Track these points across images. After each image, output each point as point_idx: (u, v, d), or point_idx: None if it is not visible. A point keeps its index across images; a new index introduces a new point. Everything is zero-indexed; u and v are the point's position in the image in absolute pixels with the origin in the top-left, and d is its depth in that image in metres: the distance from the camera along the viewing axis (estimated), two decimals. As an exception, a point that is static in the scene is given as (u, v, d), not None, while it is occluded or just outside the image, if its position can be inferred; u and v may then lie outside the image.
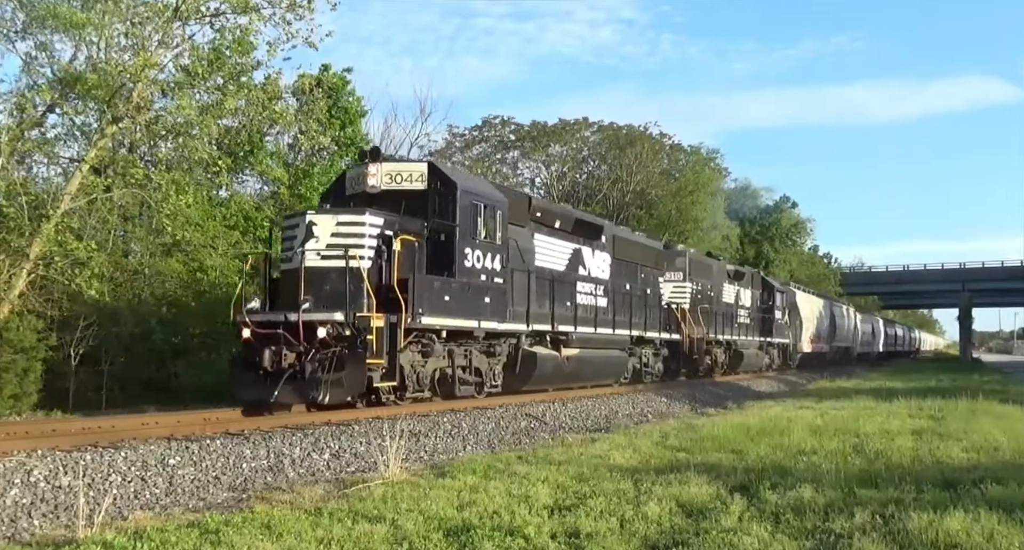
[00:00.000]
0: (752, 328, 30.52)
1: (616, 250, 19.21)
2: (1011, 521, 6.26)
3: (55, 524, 6.46)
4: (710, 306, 25.36)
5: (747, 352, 28.81)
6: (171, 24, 17.69)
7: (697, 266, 25.37)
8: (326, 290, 11.44)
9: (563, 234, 16.87)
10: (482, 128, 43.43)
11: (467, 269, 13.18)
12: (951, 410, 15.39)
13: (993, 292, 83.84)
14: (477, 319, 13.31)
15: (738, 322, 28.73)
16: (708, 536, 5.91)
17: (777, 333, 33.68)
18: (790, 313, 36.27)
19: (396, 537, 5.84)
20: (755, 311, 31.27)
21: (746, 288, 30.16)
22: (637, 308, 19.88)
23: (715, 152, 51.43)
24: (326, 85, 22.95)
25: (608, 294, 18.43)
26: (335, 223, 11.90)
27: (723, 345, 26.92)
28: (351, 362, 11.01)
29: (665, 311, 22.17)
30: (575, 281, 17.06)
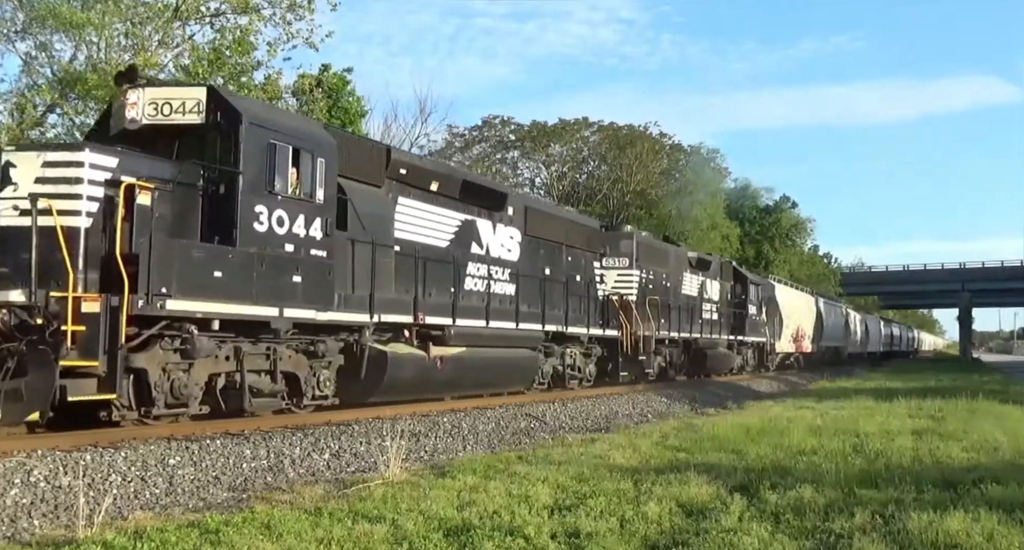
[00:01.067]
0: (720, 325, 27.08)
1: (530, 225, 16.00)
2: (1011, 521, 6.26)
3: (55, 524, 6.46)
4: (665, 298, 22.10)
5: (712, 352, 25.57)
6: (171, 24, 17.73)
7: (648, 251, 21.95)
8: (25, 258, 8.13)
9: (445, 201, 13.59)
10: (482, 128, 43.48)
11: (259, 235, 9.61)
12: (951, 410, 15.39)
13: (993, 292, 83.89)
14: (278, 305, 9.80)
15: (702, 318, 25.31)
16: (708, 536, 5.91)
17: (751, 331, 30.19)
18: (768, 309, 33.00)
19: (396, 537, 5.84)
20: (725, 306, 27.95)
21: (713, 279, 26.86)
22: (559, 298, 16.67)
23: (715, 152, 51.50)
24: (326, 85, 22.97)
25: (515, 279, 15.22)
26: (40, 164, 8.53)
27: (680, 344, 23.53)
28: (33, 364, 7.80)
29: (603, 303, 19.10)
30: (463, 261, 13.87)
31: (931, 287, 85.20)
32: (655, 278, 21.86)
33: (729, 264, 30.30)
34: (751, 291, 30.40)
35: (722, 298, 27.70)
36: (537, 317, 15.77)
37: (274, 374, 10.26)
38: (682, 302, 23.60)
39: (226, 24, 18.81)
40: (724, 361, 27.03)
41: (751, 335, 30.21)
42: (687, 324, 23.63)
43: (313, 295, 10.32)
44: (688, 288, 24.58)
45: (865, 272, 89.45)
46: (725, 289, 28.25)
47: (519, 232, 15.69)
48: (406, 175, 12.69)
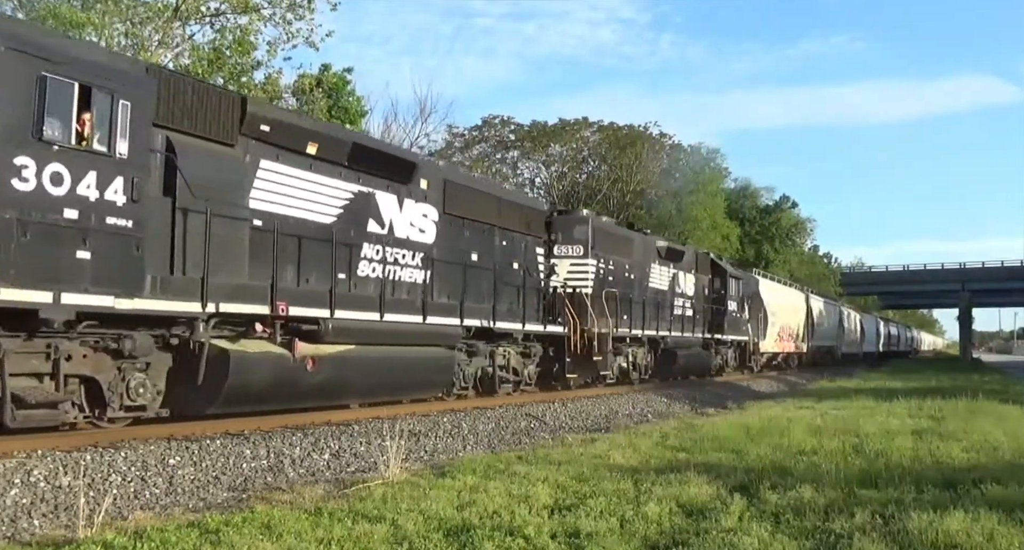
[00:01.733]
0: (695, 322, 24.55)
1: (450, 202, 13.73)
2: (1011, 521, 6.26)
3: (55, 524, 6.45)
4: (628, 292, 19.79)
5: (684, 352, 23.10)
6: (171, 24, 17.73)
7: (606, 238, 19.42)
8: None
9: (329, 168, 11.19)
10: (482, 128, 43.48)
11: (19, 196, 7.46)
12: (951, 410, 15.39)
13: (993, 292, 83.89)
14: (53, 288, 7.63)
15: (674, 314, 23.00)
16: (708, 536, 5.91)
17: (731, 329, 27.70)
18: (751, 305, 30.63)
19: (396, 537, 5.84)
20: (701, 301, 25.57)
21: (687, 272, 24.56)
22: (488, 289, 14.48)
23: (715, 152, 51.50)
24: (326, 85, 22.99)
25: (429, 265, 13.01)
26: None
27: (645, 343, 21.08)
28: None
29: (550, 296, 17.12)
30: (356, 242, 11.61)
31: (931, 287, 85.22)
32: (616, 269, 19.53)
33: (706, 256, 27.74)
34: (731, 286, 28.05)
35: (698, 293, 25.36)
36: (455, 310, 13.43)
37: (58, 378, 8.05)
38: (649, 296, 21.21)
39: (226, 24, 18.84)
40: (698, 362, 24.59)
41: (731, 333, 27.80)
42: (655, 321, 21.27)
43: (110, 276, 8.04)
44: (657, 281, 22.14)
45: (865, 272, 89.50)
46: (701, 283, 25.89)
47: (436, 210, 13.32)
48: (271, 133, 10.29)
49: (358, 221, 11.71)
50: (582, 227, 18.41)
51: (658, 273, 22.35)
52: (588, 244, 18.26)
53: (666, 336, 22.05)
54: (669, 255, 23.22)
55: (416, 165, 13.26)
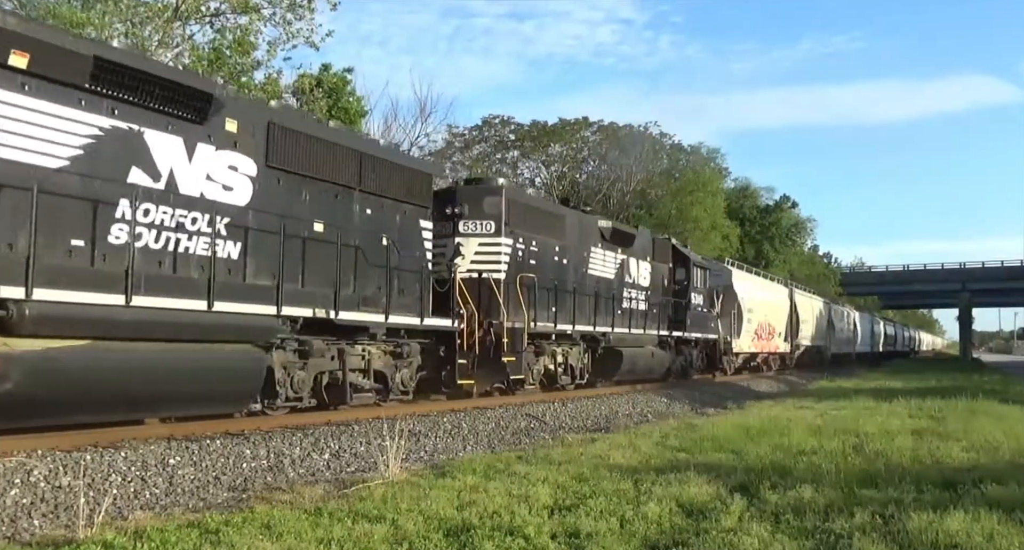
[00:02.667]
0: (650, 317, 21.18)
1: (275, 153, 10.45)
2: (1011, 521, 6.26)
3: (55, 524, 6.45)
4: (558, 280, 16.65)
5: (632, 352, 19.48)
6: (171, 24, 17.74)
7: (527, 215, 16.12)
8: None
9: (58, 91, 8.11)
10: (482, 128, 43.49)
11: None
12: (951, 410, 15.40)
13: (993, 292, 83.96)
14: None
15: (623, 308, 19.69)
16: (708, 536, 5.91)
17: (696, 325, 24.41)
18: (724, 300, 27.74)
19: (396, 537, 5.84)
20: (659, 294, 22.20)
21: (642, 260, 21.29)
22: (344, 270, 11.25)
23: (715, 152, 51.58)
24: (326, 85, 23.01)
25: (241, 235, 9.91)
26: None
27: (578, 341, 17.66)
28: None
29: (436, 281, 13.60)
30: (106, 197, 8.49)
31: (931, 287, 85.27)
32: (542, 251, 16.37)
33: (666, 243, 24.21)
34: (696, 276, 24.86)
35: (655, 284, 22.03)
36: (270, 294, 10.05)
37: None
38: (589, 286, 18.07)
39: (226, 24, 18.85)
40: (651, 362, 20.94)
41: (696, 331, 24.45)
42: (596, 315, 18.15)
43: None
44: (599, 268, 18.94)
45: (865, 272, 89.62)
46: (660, 273, 22.60)
47: (252, 161, 10.12)
48: None
49: (112, 169, 8.53)
50: (493, 199, 15.24)
51: (601, 259, 19.04)
52: (501, 220, 15.14)
53: (607, 333, 18.40)
54: (616, 238, 19.76)
55: (214, 98, 9.58)
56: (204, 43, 19.20)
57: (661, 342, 21.98)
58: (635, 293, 20.76)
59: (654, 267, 22.13)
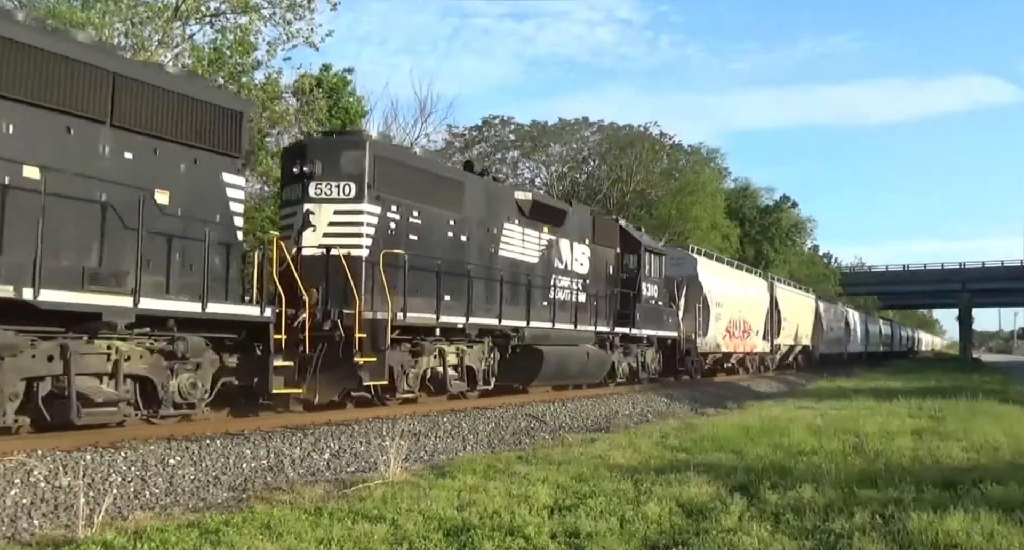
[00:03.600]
0: (587, 310, 17.91)
1: None
2: (1011, 521, 6.27)
3: (55, 524, 6.45)
4: (451, 259, 13.41)
5: (558, 351, 16.11)
6: (171, 24, 17.73)
7: (402, 175, 12.70)
8: None
9: None
10: (482, 128, 43.51)
11: None
12: (951, 410, 15.40)
13: (993, 292, 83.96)
14: None
15: (549, 298, 16.52)
16: (708, 536, 5.91)
17: (648, 321, 20.84)
18: (688, 293, 24.58)
19: (396, 537, 5.84)
20: (601, 282, 18.92)
21: (578, 241, 18.01)
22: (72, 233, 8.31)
23: (715, 152, 51.57)
24: (326, 85, 23.01)
25: None
26: None
27: (479, 337, 14.14)
28: None
29: None
30: None
31: (931, 287, 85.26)
32: (427, 224, 13.14)
33: (611, 223, 20.75)
34: (650, 264, 21.23)
35: (597, 271, 18.81)
36: None
37: None
38: (500, 270, 14.89)
39: (226, 24, 18.85)
40: (586, 364, 17.46)
41: (648, 327, 20.83)
42: (510, 305, 14.86)
43: None
44: (517, 249, 15.72)
45: (865, 272, 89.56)
46: (603, 259, 19.39)
47: None
48: None
49: None
50: (353, 154, 12.05)
51: (519, 238, 15.80)
52: (364, 181, 11.97)
53: (522, 328, 15.11)
54: (540, 214, 16.48)
55: None
56: (205, 43, 19.21)
57: (601, 340, 18.61)
58: (567, 281, 17.41)
59: (595, 251, 18.79)
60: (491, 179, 16.33)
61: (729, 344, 28.11)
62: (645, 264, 20.95)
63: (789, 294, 37.35)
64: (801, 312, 38.53)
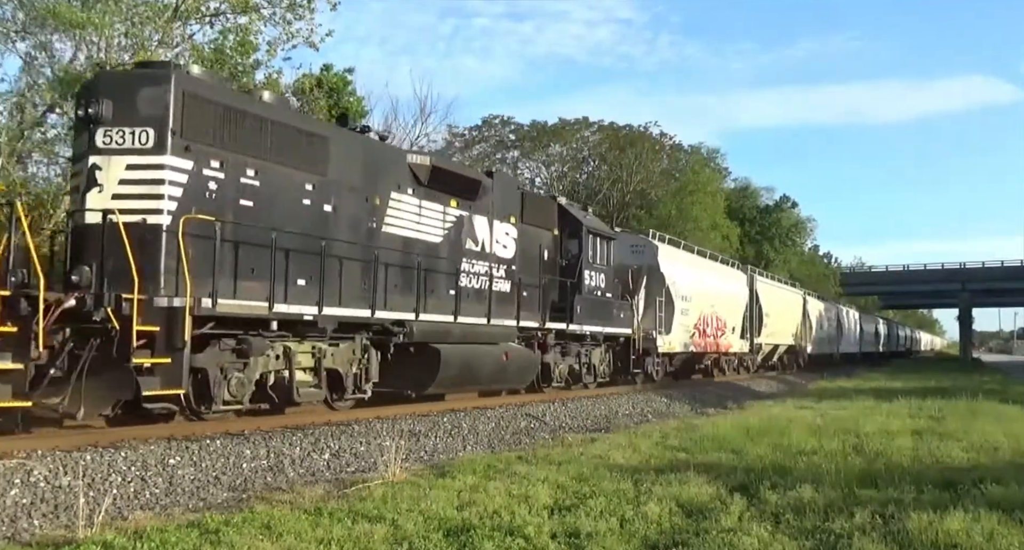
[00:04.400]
0: (510, 301, 15.06)
1: None
2: (1011, 521, 6.27)
3: (55, 524, 6.45)
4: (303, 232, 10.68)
5: (462, 351, 13.32)
6: (171, 24, 17.72)
7: (229, 122, 9.96)
8: None
9: None
10: (482, 128, 43.55)
11: None
12: (951, 410, 15.40)
13: (993, 292, 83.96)
14: None
15: (458, 286, 13.65)
16: (708, 536, 5.91)
17: (591, 316, 17.66)
18: (648, 284, 21.40)
19: (396, 537, 5.84)
20: (533, 269, 16.07)
21: (500, 220, 15.03)
22: None
23: (715, 152, 51.60)
24: (327, 85, 23.01)
25: None
26: None
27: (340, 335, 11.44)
28: None
29: None
30: None
31: (931, 287, 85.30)
32: (267, 187, 10.36)
33: (547, 202, 18.01)
34: (595, 250, 18.39)
35: (524, 256, 15.82)
36: None
37: None
38: (382, 249, 12.00)
39: (226, 24, 18.85)
40: (504, 367, 14.52)
41: (592, 323, 17.79)
42: (397, 294, 12.23)
43: None
44: (410, 224, 12.83)
45: (865, 272, 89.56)
46: (534, 241, 16.40)
47: None
48: None
49: None
50: (153, 92, 9.27)
51: (413, 211, 12.92)
52: (168, 127, 9.23)
53: (409, 322, 12.21)
54: (442, 183, 13.46)
55: None
56: (205, 43, 19.21)
57: (528, 338, 15.81)
58: (484, 266, 14.57)
59: (525, 232, 15.93)
60: (375, 138, 13.19)
61: (699, 343, 24.96)
62: (589, 249, 17.98)
63: (772, 289, 34.03)
64: (786, 309, 35.25)
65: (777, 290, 35.15)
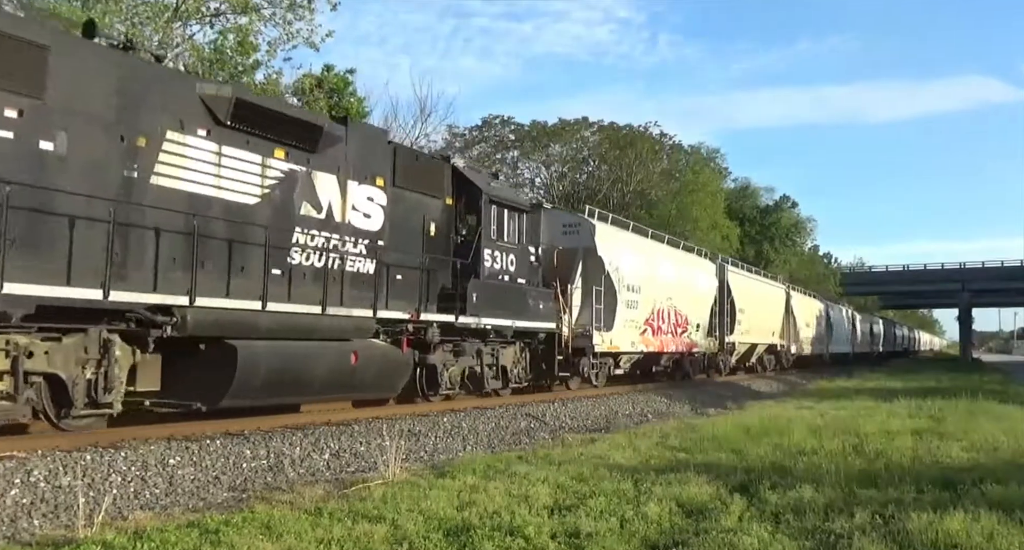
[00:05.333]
0: (382, 286, 12.12)
1: None
2: (1011, 521, 6.26)
3: (55, 524, 6.45)
4: None
5: (276, 350, 10.04)
6: (171, 24, 17.74)
7: None
8: None
9: None
10: (482, 128, 43.54)
11: None
12: (951, 410, 15.39)
13: (993, 292, 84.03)
14: None
15: (288, 263, 10.89)
16: (708, 536, 5.91)
17: (495, 306, 14.28)
18: (584, 271, 18.13)
19: (396, 537, 5.83)
20: (413, 246, 13.07)
21: (358, 180, 12.01)
22: None
23: (715, 152, 51.64)
24: (327, 85, 23.03)
25: None
26: None
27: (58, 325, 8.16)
28: None
29: None
30: None
31: (931, 287, 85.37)
32: None
33: (435, 165, 14.19)
34: (501, 224, 14.76)
35: (399, 229, 12.69)
36: None
37: None
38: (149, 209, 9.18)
39: (227, 24, 18.87)
40: (353, 372, 11.18)
41: (496, 315, 14.27)
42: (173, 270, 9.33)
43: None
44: (198, 177, 9.80)
45: (865, 272, 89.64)
46: (416, 212, 13.21)
47: None
48: None
49: None
50: None
51: (206, 160, 9.90)
52: None
53: (179, 307, 9.00)
54: (254, 124, 10.40)
55: None
56: (205, 43, 19.22)
57: (397, 333, 12.33)
58: (330, 239, 11.46)
59: (399, 199, 12.64)
60: (148, 58, 10.33)
61: (653, 342, 21.31)
62: (492, 223, 14.43)
63: (748, 282, 30.50)
64: (765, 305, 31.83)
65: (754, 283, 31.49)
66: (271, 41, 19.45)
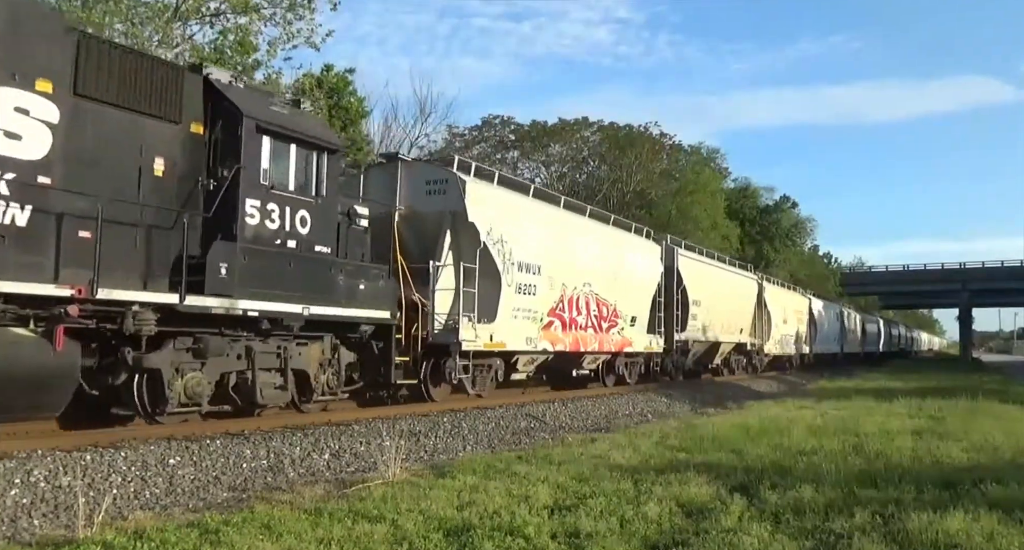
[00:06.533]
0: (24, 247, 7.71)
1: None
2: (1011, 521, 6.27)
3: (55, 524, 6.45)
4: None
5: None
6: (171, 24, 17.74)
7: None
8: None
9: None
10: (482, 128, 43.51)
11: None
12: (951, 410, 15.40)
13: (993, 292, 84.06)
14: None
15: None
16: (708, 536, 5.91)
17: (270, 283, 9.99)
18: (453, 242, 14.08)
19: (396, 537, 5.83)
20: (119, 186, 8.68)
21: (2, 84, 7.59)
22: None
23: (715, 152, 51.65)
24: (327, 85, 23.03)
25: None
26: None
27: None
28: None
29: None
30: None
31: (931, 287, 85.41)
32: None
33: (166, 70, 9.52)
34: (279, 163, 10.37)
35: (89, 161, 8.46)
36: None
37: None
38: None
39: (227, 24, 18.88)
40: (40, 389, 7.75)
41: (272, 297, 10.06)
42: None
43: None
44: None
45: (865, 272, 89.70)
46: (121, 138, 8.85)
47: None
48: None
49: None
50: None
51: None
52: None
53: None
54: None
55: None
56: (206, 43, 19.22)
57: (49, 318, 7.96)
58: None
59: (83, 114, 8.48)
60: None
61: (562, 338, 16.66)
62: (263, 160, 10.15)
63: (705, 270, 25.28)
64: (730, 297, 27.11)
65: (714, 271, 26.18)
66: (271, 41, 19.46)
